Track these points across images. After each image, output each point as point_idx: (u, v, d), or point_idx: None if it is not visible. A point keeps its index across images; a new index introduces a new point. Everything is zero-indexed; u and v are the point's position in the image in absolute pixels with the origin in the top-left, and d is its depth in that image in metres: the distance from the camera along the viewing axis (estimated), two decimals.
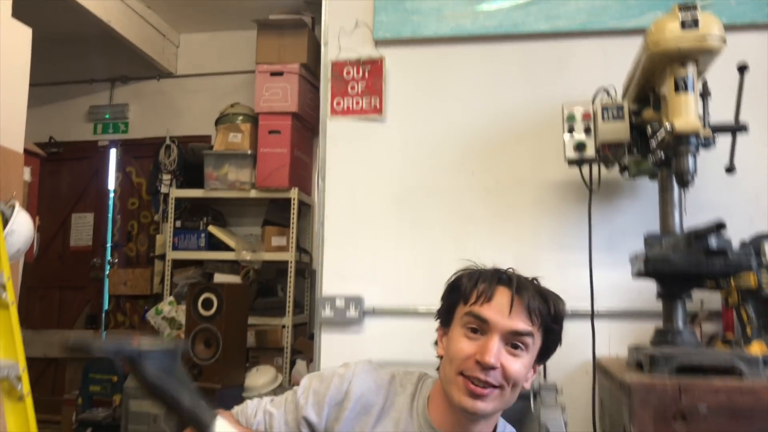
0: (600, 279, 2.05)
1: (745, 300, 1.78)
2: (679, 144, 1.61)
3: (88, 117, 5.35)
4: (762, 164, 2.13)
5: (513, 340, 1.10)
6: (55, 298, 5.29)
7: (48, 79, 5.03)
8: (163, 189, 4.76)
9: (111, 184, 5.33)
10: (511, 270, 1.17)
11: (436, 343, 1.23)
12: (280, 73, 4.34)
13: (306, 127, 4.50)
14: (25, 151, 3.10)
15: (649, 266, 1.56)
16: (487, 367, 1.07)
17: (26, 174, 3.23)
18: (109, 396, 4.22)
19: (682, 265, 1.54)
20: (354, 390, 1.18)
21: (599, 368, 1.96)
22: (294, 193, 4.32)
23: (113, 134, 5.29)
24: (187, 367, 3.65)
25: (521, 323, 1.10)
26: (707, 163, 1.95)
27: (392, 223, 2.34)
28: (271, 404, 1.23)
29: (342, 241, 2.36)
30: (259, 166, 4.34)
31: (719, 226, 1.43)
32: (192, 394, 0.98)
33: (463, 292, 1.15)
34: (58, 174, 5.29)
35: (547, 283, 1.19)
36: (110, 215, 5.30)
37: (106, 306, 5.18)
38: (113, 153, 5.31)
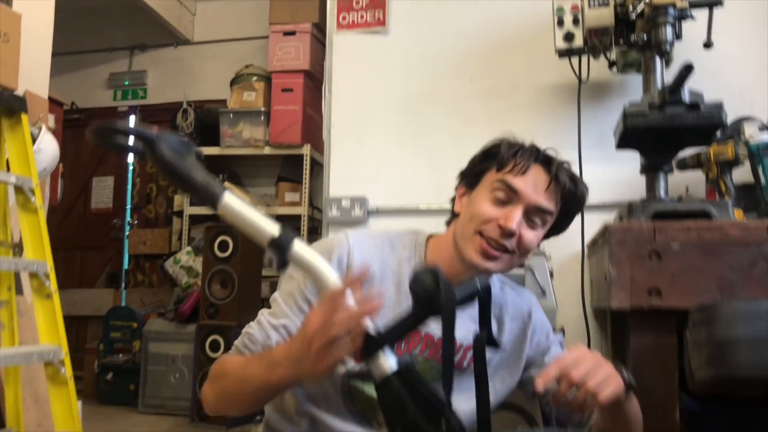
0: (592, 174, 2.14)
1: (723, 172, 1.89)
2: (657, 15, 1.73)
3: (108, 84, 5.56)
4: (746, 60, 2.23)
5: (534, 215, 1.16)
6: (76, 259, 5.48)
7: (70, 48, 5.24)
8: None
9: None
10: (550, 149, 1.20)
11: (453, 200, 1.27)
12: (293, 33, 4.49)
13: (317, 87, 4.62)
14: (49, 99, 3.28)
15: (627, 122, 1.67)
16: (507, 233, 1.13)
17: (50, 121, 3.39)
18: (129, 342, 4.39)
19: (657, 119, 1.64)
20: (355, 258, 1.21)
21: (589, 250, 2.08)
22: (306, 150, 4.46)
23: (132, 100, 5.50)
24: (204, 305, 3.80)
25: (547, 201, 1.15)
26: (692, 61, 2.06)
27: (395, 128, 2.48)
28: (276, 318, 1.18)
29: (347, 146, 2.49)
30: (272, 124, 4.50)
31: (688, 69, 1.54)
32: (204, 174, 1.09)
33: (500, 160, 1.18)
34: (80, 139, 5.47)
35: None
36: (129, 178, 5.49)
37: (126, 265, 5.38)
38: (132, 118, 5.51)
